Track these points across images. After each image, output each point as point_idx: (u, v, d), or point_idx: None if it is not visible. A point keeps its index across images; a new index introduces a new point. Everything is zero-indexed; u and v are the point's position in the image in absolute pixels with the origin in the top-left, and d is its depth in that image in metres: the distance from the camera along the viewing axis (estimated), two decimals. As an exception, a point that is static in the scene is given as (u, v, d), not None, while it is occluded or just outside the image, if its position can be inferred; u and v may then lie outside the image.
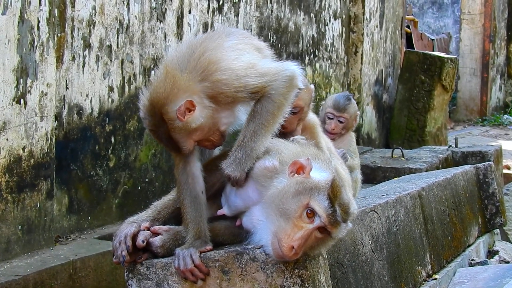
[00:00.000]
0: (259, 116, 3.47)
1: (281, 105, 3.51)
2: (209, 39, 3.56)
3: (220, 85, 3.40)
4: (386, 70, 12.61)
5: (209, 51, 3.46)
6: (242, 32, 3.82)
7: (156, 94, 3.39)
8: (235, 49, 3.55)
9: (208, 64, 3.41)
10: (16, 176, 5.02)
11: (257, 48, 3.72)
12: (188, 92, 3.37)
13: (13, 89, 4.93)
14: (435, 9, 23.10)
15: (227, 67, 3.42)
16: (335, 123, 5.60)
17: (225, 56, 3.46)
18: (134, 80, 6.40)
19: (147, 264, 3.54)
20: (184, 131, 3.40)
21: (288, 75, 3.52)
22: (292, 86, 3.54)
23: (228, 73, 3.41)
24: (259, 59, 3.60)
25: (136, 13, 6.39)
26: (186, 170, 3.55)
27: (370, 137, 11.99)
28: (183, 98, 3.36)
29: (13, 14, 4.92)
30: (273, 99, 3.47)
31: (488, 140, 15.21)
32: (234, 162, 3.45)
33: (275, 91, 3.47)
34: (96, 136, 6.02)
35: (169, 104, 3.36)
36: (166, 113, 3.37)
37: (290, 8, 9.33)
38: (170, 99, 3.36)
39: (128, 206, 6.28)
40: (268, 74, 3.48)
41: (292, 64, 3.59)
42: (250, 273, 3.39)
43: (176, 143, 3.44)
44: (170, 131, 3.39)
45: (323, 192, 3.27)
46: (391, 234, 4.76)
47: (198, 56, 3.43)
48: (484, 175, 6.72)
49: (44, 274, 4.87)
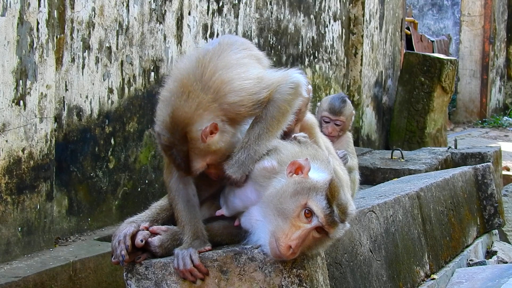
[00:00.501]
0: (264, 120, 3.52)
1: (286, 111, 3.55)
2: (216, 56, 3.56)
3: (237, 107, 3.45)
4: (386, 71, 12.62)
5: (220, 70, 3.48)
6: (242, 42, 3.81)
7: (181, 112, 3.38)
8: (242, 64, 3.58)
9: (221, 84, 3.43)
10: (16, 178, 5.03)
11: (257, 59, 3.76)
12: (212, 114, 3.40)
13: (12, 90, 4.94)
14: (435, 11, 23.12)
15: (239, 87, 3.46)
16: (332, 127, 5.55)
17: (236, 75, 3.49)
18: (133, 82, 6.41)
19: (146, 264, 3.55)
20: (202, 152, 3.42)
21: (294, 82, 3.57)
22: (297, 93, 3.59)
23: (242, 93, 3.45)
24: (265, 71, 3.64)
25: (136, 15, 6.40)
26: (177, 176, 3.57)
27: (370, 138, 12.00)
28: (209, 120, 3.38)
29: (12, 15, 4.93)
30: (278, 105, 3.52)
31: (488, 141, 15.22)
32: (236, 163, 3.48)
33: (280, 96, 3.52)
34: (96, 138, 6.04)
35: (194, 124, 3.37)
36: (190, 132, 3.37)
37: (290, 9, 9.35)
38: (195, 119, 3.37)
39: (128, 208, 6.29)
40: (274, 84, 3.53)
41: (297, 72, 3.64)
42: (248, 273, 3.40)
43: (189, 163, 3.44)
44: (189, 150, 3.40)
45: (321, 193, 3.29)
46: (389, 234, 4.77)
47: (209, 76, 3.45)
48: (482, 176, 6.74)
49: (44, 276, 4.88)
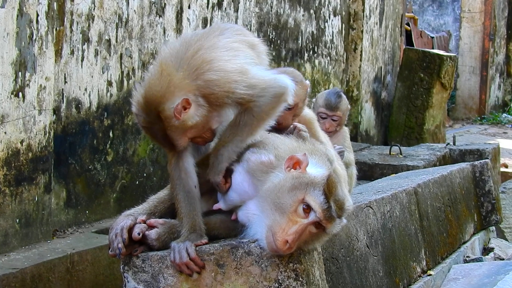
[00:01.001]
0: (236, 126, 3.52)
1: (262, 119, 3.53)
2: (204, 37, 3.56)
3: (212, 85, 3.41)
4: (385, 67, 12.62)
5: (203, 49, 3.46)
6: (237, 28, 3.80)
7: (152, 91, 3.40)
8: (229, 48, 3.55)
9: (202, 63, 3.42)
10: (14, 170, 5.03)
11: (251, 45, 3.71)
12: (183, 90, 3.38)
13: (11, 82, 4.94)
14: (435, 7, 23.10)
15: (219, 67, 3.43)
16: (329, 122, 5.51)
17: (219, 56, 3.46)
18: (132, 75, 6.41)
19: (142, 257, 3.55)
20: (179, 129, 3.42)
21: (277, 92, 3.50)
22: (280, 101, 3.53)
23: (220, 74, 3.42)
24: (253, 65, 3.57)
25: (136, 8, 6.40)
26: (179, 166, 3.58)
27: (369, 134, 12.01)
28: (180, 96, 3.37)
29: (12, 7, 4.93)
30: (254, 115, 3.49)
31: (486, 138, 15.23)
32: (211, 168, 3.53)
33: (258, 108, 3.48)
34: (95, 130, 6.04)
35: (165, 102, 3.37)
36: (163, 111, 3.38)
37: (289, 4, 9.35)
38: (167, 97, 3.37)
39: (126, 201, 6.30)
40: (257, 87, 3.47)
41: (285, 78, 3.57)
42: (245, 267, 3.41)
43: (170, 140, 3.46)
44: (166, 128, 3.41)
45: (318, 188, 3.30)
46: (386, 230, 4.79)
47: (191, 54, 3.44)
48: (480, 172, 6.75)
49: (41, 268, 4.88)
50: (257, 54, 3.72)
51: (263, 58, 3.77)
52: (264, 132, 3.65)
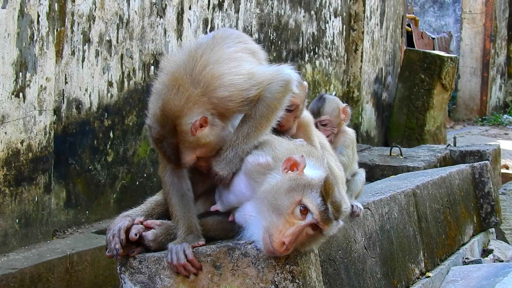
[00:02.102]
0: (253, 119, 3.54)
1: (275, 109, 3.56)
2: (208, 50, 3.57)
3: (226, 102, 3.46)
4: (386, 68, 12.63)
5: (211, 64, 3.49)
6: (237, 35, 3.81)
7: (171, 105, 3.41)
8: (234, 59, 3.58)
9: (211, 79, 3.45)
10: (14, 170, 5.05)
11: (252, 52, 3.75)
12: (202, 108, 3.42)
13: (12, 82, 4.96)
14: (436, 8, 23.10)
15: (229, 82, 3.46)
16: (321, 129, 5.42)
17: (226, 71, 3.50)
18: (133, 75, 6.43)
19: (139, 258, 3.56)
20: (192, 145, 3.45)
21: (284, 79, 3.57)
22: (287, 90, 3.59)
23: (231, 89, 3.46)
24: (256, 67, 3.63)
25: (136, 9, 6.42)
26: (172, 171, 3.59)
27: (369, 135, 12.01)
28: (198, 113, 3.40)
29: (13, 8, 4.94)
30: (267, 103, 3.53)
31: (487, 139, 15.22)
32: (224, 160, 3.52)
33: (270, 94, 3.53)
34: (95, 131, 6.06)
35: (183, 117, 3.40)
36: (180, 125, 3.40)
37: (290, 5, 9.36)
38: (185, 112, 3.40)
39: (125, 201, 6.31)
40: (265, 79, 3.53)
41: (288, 68, 3.63)
42: (241, 268, 3.42)
43: (179, 156, 3.47)
44: (179, 143, 3.43)
45: (316, 190, 3.30)
46: (384, 232, 4.79)
47: (200, 70, 3.46)
48: (480, 174, 6.75)
49: (40, 268, 4.90)
50: (258, 60, 3.76)
51: (263, 64, 3.81)
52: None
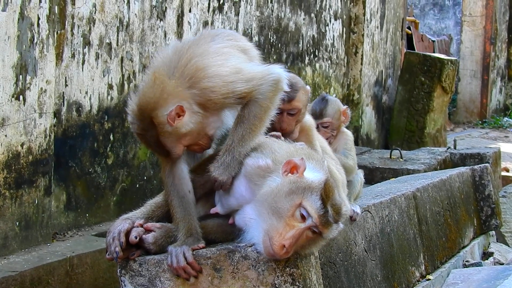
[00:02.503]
0: (247, 120, 3.53)
1: (268, 108, 3.56)
2: (195, 44, 3.59)
3: (208, 92, 3.44)
4: (386, 71, 12.63)
5: (196, 57, 3.49)
6: (228, 34, 3.82)
7: (146, 99, 3.43)
8: (221, 53, 3.58)
9: (196, 71, 3.45)
10: (15, 172, 5.05)
11: (243, 50, 3.75)
12: (177, 98, 3.42)
13: (12, 85, 4.96)
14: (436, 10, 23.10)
15: (214, 73, 3.46)
16: (322, 131, 5.40)
17: (212, 62, 3.49)
18: (133, 78, 6.43)
19: (139, 261, 3.57)
20: (173, 136, 3.45)
21: (274, 78, 3.56)
22: (278, 89, 3.59)
23: (215, 80, 3.45)
24: (245, 63, 3.62)
25: (136, 11, 6.42)
26: (172, 172, 3.60)
27: (369, 137, 12.01)
28: (173, 103, 3.40)
29: (13, 10, 4.95)
30: (260, 104, 3.52)
31: (488, 142, 15.22)
32: (222, 165, 3.51)
33: (262, 95, 3.52)
34: (95, 134, 6.06)
35: (159, 109, 3.40)
36: (156, 117, 3.41)
37: (290, 8, 9.36)
38: (160, 103, 3.40)
39: (126, 204, 6.31)
40: (255, 78, 3.52)
41: (278, 67, 3.62)
42: (241, 271, 3.42)
43: (165, 148, 3.48)
44: (159, 135, 3.43)
45: (316, 193, 3.31)
46: (384, 234, 4.79)
47: (185, 63, 3.47)
48: (480, 177, 6.75)
49: (41, 270, 4.89)
50: (250, 58, 3.75)
51: (256, 63, 3.79)
52: (262, 137, 3.66)
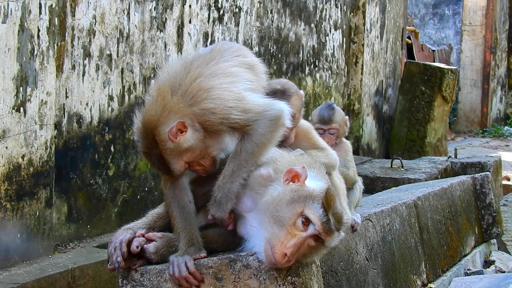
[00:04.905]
0: (238, 156, 3.47)
1: (263, 146, 3.48)
2: (204, 64, 3.55)
3: (208, 113, 3.41)
4: (386, 80, 12.65)
5: (202, 77, 3.46)
6: (237, 49, 3.77)
7: (148, 116, 3.43)
8: (228, 74, 3.54)
9: (199, 91, 3.42)
10: (16, 184, 5.05)
11: (250, 66, 3.70)
12: (178, 114, 3.40)
13: (12, 97, 4.97)
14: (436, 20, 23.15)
15: (217, 96, 3.42)
16: (328, 137, 5.42)
17: (217, 85, 3.46)
18: (134, 89, 6.44)
19: (141, 271, 3.56)
20: (175, 152, 3.43)
21: (273, 115, 3.48)
22: (278, 126, 3.50)
23: (217, 102, 3.41)
24: (249, 92, 3.56)
25: (137, 23, 6.44)
26: (173, 183, 3.58)
27: (370, 147, 12.01)
28: (174, 120, 3.38)
29: (13, 22, 4.96)
30: (252, 139, 3.46)
31: (488, 151, 15.22)
32: (215, 203, 3.47)
33: (255, 131, 3.45)
34: (96, 145, 6.06)
35: (160, 126, 3.39)
36: (158, 134, 3.40)
37: (290, 18, 9.38)
38: (161, 121, 3.39)
39: (127, 215, 6.30)
40: (252, 111, 3.46)
41: (280, 103, 3.55)
42: (243, 280, 3.42)
43: (167, 165, 3.46)
44: (161, 152, 3.42)
45: (317, 201, 3.31)
46: (386, 243, 4.79)
47: (190, 81, 3.44)
48: (481, 185, 6.75)
49: (42, 282, 4.89)
50: (256, 74, 3.71)
51: (261, 78, 3.76)
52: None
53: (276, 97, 3.82)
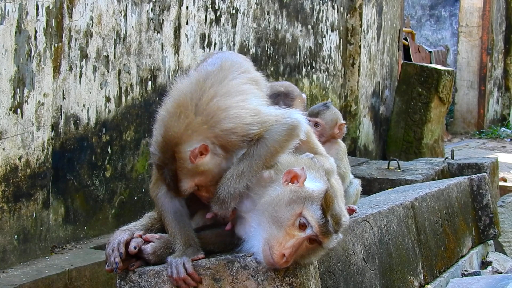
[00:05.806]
0: (250, 158, 3.46)
1: (274, 151, 3.48)
2: (217, 83, 3.53)
3: (229, 134, 3.41)
4: (383, 82, 12.66)
5: (218, 96, 3.46)
6: (240, 64, 3.76)
7: (171, 132, 3.41)
8: (240, 92, 3.54)
9: (217, 110, 3.42)
10: (12, 186, 5.05)
11: (255, 82, 3.73)
12: (202, 136, 3.40)
13: (9, 99, 4.97)
14: (433, 21, 23.16)
15: (235, 115, 3.43)
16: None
17: (233, 103, 3.46)
18: (131, 91, 6.44)
19: (139, 272, 3.56)
20: (190, 173, 3.42)
21: (288, 123, 3.49)
22: (292, 135, 3.51)
23: (236, 121, 3.42)
24: (264, 105, 3.58)
25: (134, 24, 6.44)
26: (164, 190, 3.58)
27: (367, 148, 12.02)
28: (198, 141, 3.38)
29: (10, 24, 4.96)
30: (267, 144, 3.46)
31: (485, 152, 15.24)
32: (218, 201, 3.46)
33: (270, 136, 3.45)
34: (93, 146, 6.06)
35: (182, 144, 3.38)
36: (179, 152, 3.39)
37: (287, 19, 9.39)
38: (184, 139, 3.38)
39: (124, 216, 6.31)
40: (269, 121, 3.47)
41: (297, 113, 3.56)
42: (241, 281, 3.42)
43: (178, 183, 3.45)
44: (177, 169, 3.41)
45: (316, 202, 3.31)
46: (383, 244, 4.79)
47: (206, 101, 3.44)
48: (478, 186, 6.75)
49: (39, 284, 4.89)
50: (261, 89, 3.75)
51: (265, 91, 3.80)
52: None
53: (279, 99, 3.83)
